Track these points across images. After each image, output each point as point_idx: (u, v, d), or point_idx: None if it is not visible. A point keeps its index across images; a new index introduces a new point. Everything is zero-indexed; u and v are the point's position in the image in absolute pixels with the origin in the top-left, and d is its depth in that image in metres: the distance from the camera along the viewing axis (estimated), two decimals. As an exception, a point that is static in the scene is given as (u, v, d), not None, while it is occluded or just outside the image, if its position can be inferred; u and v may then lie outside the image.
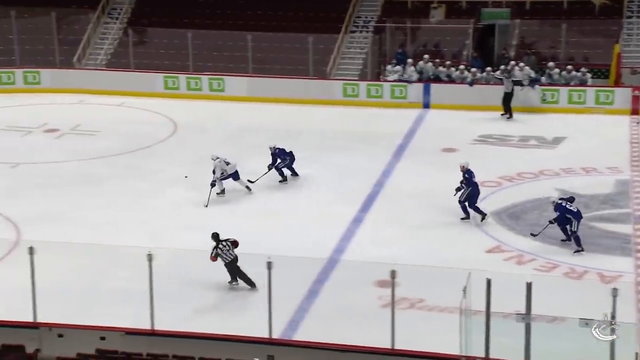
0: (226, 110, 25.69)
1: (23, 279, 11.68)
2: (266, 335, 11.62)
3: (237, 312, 13.42)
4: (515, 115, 24.46)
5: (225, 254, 13.98)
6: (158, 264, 11.67)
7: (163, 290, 12.18)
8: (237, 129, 23.91)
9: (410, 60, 26.22)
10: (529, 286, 9.78)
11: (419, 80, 26.02)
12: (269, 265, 11.36)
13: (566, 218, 15.40)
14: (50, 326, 11.56)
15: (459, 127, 23.80)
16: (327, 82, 26.74)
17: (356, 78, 27.12)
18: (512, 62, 25.38)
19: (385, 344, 11.25)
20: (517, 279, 10.42)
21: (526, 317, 9.77)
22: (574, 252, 15.42)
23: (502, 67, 25.24)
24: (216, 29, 28.25)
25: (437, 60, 26.54)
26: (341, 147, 22.06)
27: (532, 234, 15.93)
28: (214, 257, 13.99)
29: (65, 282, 14.18)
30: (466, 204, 16.70)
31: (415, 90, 25.96)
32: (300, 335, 12.50)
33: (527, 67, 25.17)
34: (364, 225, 17.05)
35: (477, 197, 16.77)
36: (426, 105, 25.90)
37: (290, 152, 19.41)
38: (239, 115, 25.30)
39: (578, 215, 15.46)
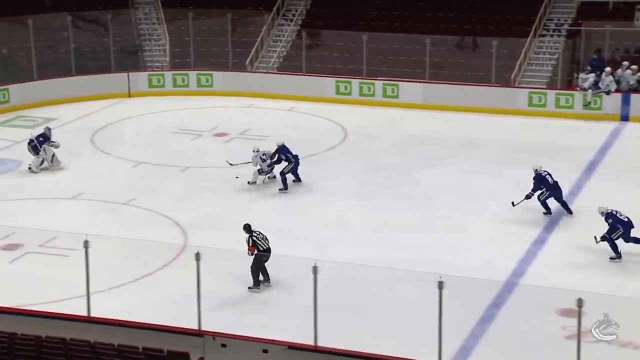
0: (399, 118, 25.76)
1: (189, 284, 12.24)
2: (435, 360, 11.48)
3: (404, 332, 13.35)
4: None
5: (261, 242, 14.75)
6: (323, 277, 11.83)
7: (327, 305, 12.34)
8: (410, 137, 23.89)
9: (608, 69, 25.04)
10: None
11: (617, 90, 24.82)
12: (440, 284, 11.21)
13: (615, 228, 15.84)
14: (214, 335, 12.02)
15: (663, 143, 22.44)
16: (511, 90, 26.12)
17: (544, 86, 26.30)
18: None
19: (569, 380, 10.77)
20: None
21: None
22: (610, 258, 15.79)
23: None
24: (393, 32, 28.40)
25: (636, 66, 25.18)
26: (524, 161, 21.40)
27: (595, 238, 16.11)
28: (252, 247, 14.64)
29: (230, 289, 14.75)
30: (547, 201, 17.82)
31: (613, 101, 24.77)
32: (471, 364, 12.24)
33: None
34: (547, 247, 16.48)
35: (556, 196, 17.89)
36: (624, 118, 24.69)
37: (296, 155, 19.73)
38: (413, 123, 25.28)
39: (629, 225, 15.95)
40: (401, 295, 14.32)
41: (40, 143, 20.98)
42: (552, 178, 17.91)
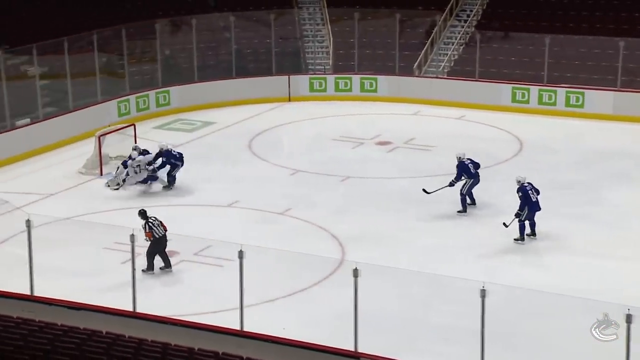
0: (584, 130, 25.03)
1: (345, 302, 12.38)
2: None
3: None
4: None
5: (157, 229, 15.85)
6: (492, 301, 11.66)
7: (496, 332, 12.14)
8: (595, 152, 23.12)
9: None
10: None
11: None
12: (629, 318, 10.79)
13: (523, 205, 17.22)
14: (371, 358, 12.09)
15: None
16: None
17: None
18: None
19: None
20: None
21: None
22: (514, 239, 17.32)
23: None
24: (580, 34, 27.61)
25: None
26: None
27: (504, 224, 17.42)
28: (149, 233, 15.70)
29: (388, 310, 14.81)
30: (470, 194, 19.10)
31: None
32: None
33: None
34: None
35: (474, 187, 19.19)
36: None
37: (181, 154, 20.96)
38: (600, 136, 24.48)
39: (535, 207, 17.34)
40: (582, 328, 13.80)
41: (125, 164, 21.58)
42: (474, 167, 19.20)
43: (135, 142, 23.10)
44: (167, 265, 16.30)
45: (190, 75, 28.21)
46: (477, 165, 19.41)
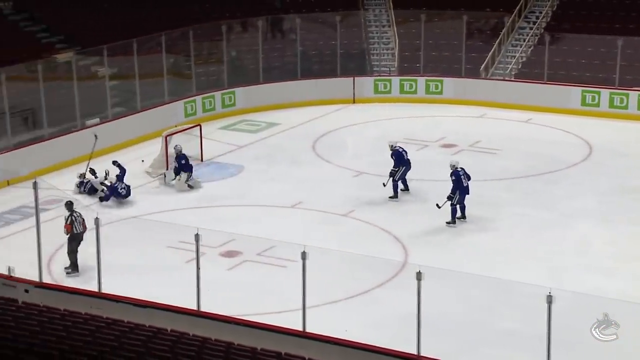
0: (657, 134, 24.63)
1: (408, 305, 12.41)
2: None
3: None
4: None
5: (77, 225, 16.06)
6: (557, 307, 11.56)
7: (562, 340, 12.02)
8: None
9: None
10: None
11: None
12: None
13: (454, 189, 18.38)
14: (432, 362, 12.11)
15: None
16: None
17: None
18: None
19: None
20: None
21: None
22: (446, 222, 18.44)
23: None
24: (655, 36, 27.18)
25: None
26: None
27: (437, 205, 18.57)
28: (69, 226, 16.01)
29: (451, 314, 14.78)
30: (399, 182, 20.21)
31: None
32: None
33: None
34: None
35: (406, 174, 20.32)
36: None
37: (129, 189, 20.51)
38: (671, 140, 24.04)
39: (465, 191, 18.60)
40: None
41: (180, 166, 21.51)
42: (406, 154, 20.40)
43: (201, 142, 23.46)
44: (74, 270, 16.39)
45: (256, 76, 28.50)
46: (406, 152, 20.57)
